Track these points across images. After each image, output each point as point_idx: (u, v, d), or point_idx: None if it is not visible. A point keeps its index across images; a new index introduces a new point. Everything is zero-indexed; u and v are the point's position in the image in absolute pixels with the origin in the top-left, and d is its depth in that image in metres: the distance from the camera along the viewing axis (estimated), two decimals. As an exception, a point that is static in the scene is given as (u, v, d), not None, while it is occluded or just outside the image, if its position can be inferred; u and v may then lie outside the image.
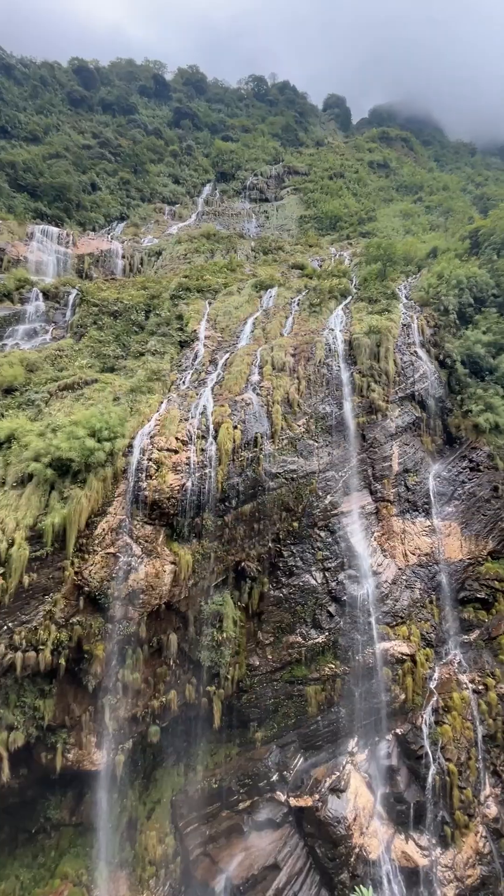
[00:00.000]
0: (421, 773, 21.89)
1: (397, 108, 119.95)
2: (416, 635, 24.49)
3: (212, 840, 20.73)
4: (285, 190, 75.04)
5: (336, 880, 20.01)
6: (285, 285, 39.99)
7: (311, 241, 59.98)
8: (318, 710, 22.62)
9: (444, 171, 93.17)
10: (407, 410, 29.27)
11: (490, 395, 30.37)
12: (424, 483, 27.91)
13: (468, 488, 28.31)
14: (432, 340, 32.67)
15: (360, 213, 66.92)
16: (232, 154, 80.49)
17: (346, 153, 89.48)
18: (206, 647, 21.84)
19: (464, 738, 22.36)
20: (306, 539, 24.63)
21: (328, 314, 34.30)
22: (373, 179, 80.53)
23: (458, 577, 26.65)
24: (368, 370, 28.94)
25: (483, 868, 20.44)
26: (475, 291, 35.16)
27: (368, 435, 27.64)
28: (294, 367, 28.30)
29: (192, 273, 42.15)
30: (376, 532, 26.38)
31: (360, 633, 23.77)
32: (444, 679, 24.00)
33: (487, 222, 43.28)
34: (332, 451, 26.35)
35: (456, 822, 20.96)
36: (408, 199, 74.68)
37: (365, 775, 22.11)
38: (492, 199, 70.30)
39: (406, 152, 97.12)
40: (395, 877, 20.57)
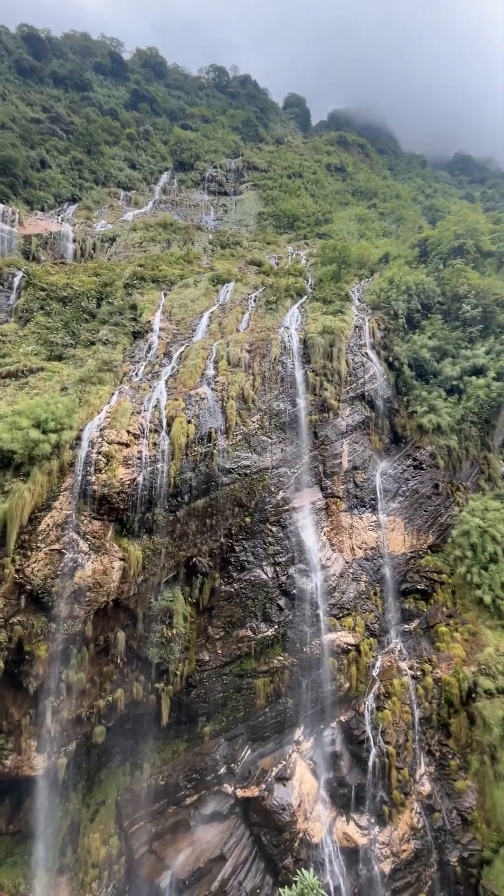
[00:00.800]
0: (362, 756, 22.88)
1: (355, 115, 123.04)
2: (360, 626, 25.49)
3: (158, 837, 20.59)
4: (244, 185, 74.81)
5: (280, 866, 20.53)
6: (242, 281, 39.96)
7: (268, 238, 60.28)
8: (267, 702, 23.02)
9: (397, 180, 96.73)
10: (357, 410, 30.25)
11: (433, 398, 32.03)
12: (372, 480, 29.02)
13: (412, 485, 29.75)
14: (382, 343, 33.92)
15: (317, 215, 68.05)
16: (191, 143, 79.07)
17: (304, 153, 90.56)
18: (156, 644, 21.56)
19: (402, 722, 23.60)
20: (258, 534, 24.88)
21: (284, 312, 34.67)
22: (330, 182, 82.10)
23: (400, 570, 28.00)
24: (322, 369, 29.59)
25: (416, 842, 21.73)
26: (422, 298, 36.86)
27: (320, 433, 28.30)
28: (250, 364, 28.39)
29: (148, 262, 41.10)
30: (326, 527, 27.12)
31: (309, 625, 24.41)
32: (386, 667, 25.18)
33: (435, 233, 45.43)
34: (286, 448, 26.75)
35: (393, 800, 22.12)
36: (363, 204, 76.84)
37: (310, 762, 22.79)
38: (440, 210, 73.86)
39: (362, 158, 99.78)
40: (336, 857, 21.42)
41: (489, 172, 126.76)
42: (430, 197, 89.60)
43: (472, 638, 25.79)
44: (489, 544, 27.36)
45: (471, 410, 31.69)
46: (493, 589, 26.44)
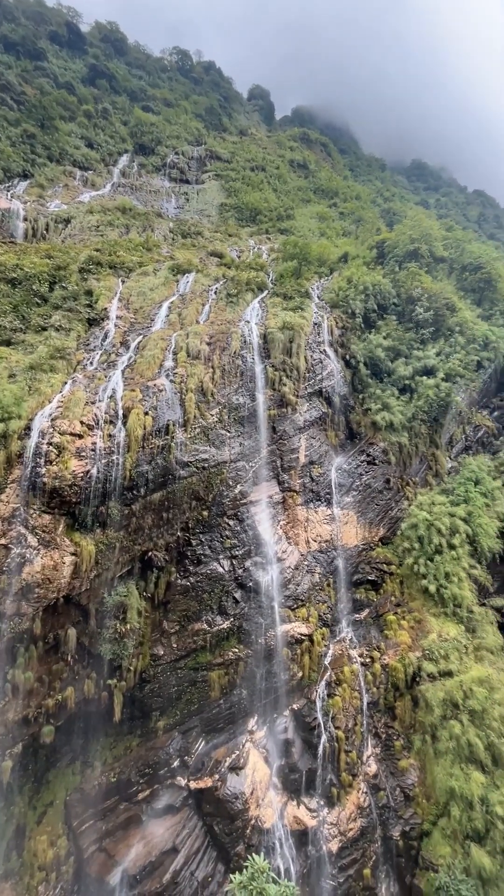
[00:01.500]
0: (313, 742, 23.61)
1: (318, 112, 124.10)
2: (314, 616, 26.18)
3: (108, 834, 20.30)
4: (207, 174, 73.64)
5: (232, 853, 20.85)
6: (203, 272, 39.45)
7: (230, 230, 59.80)
8: (221, 694, 23.18)
9: (357, 182, 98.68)
10: (315, 406, 30.83)
11: (387, 396, 33.21)
12: (327, 474, 29.75)
13: (365, 480, 30.77)
14: (340, 341, 34.69)
15: (279, 210, 68.22)
16: (153, 127, 76.73)
17: (268, 147, 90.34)
18: (109, 640, 21.11)
19: (351, 707, 24.55)
20: (215, 528, 24.87)
21: (245, 306, 34.61)
22: (292, 178, 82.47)
23: (353, 562, 28.96)
24: (281, 365, 29.86)
25: (363, 820, 22.76)
26: (379, 299, 38.01)
27: (279, 427, 28.61)
28: (209, 356, 28.15)
29: (105, 247, 39.63)
30: (282, 520, 27.54)
31: (264, 616, 24.76)
32: (337, 655, 26.04)
33: (392, 235, 46.89)
34: (244, 442, 26.83)
35: (342, 782, 23.02)
36: (324, 202, 77.84)
37: (263, 751, 23.23)
38: (397, 214, 76.23)
39: (324, 157, 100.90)
40: (287, 840, 22.04)
41: (442, 181, 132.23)
42: (389, 200, 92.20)
43: (417, 625, 27.17)
44: (435, 536, 28.85)
45: (421, 409, 33.14)
46: (437, 578, 27.93)
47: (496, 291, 43.88)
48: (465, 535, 29.10)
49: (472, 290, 44.01)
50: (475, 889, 19.62)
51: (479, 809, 20.75)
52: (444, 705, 23.52)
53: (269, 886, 10.19)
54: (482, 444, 36.42)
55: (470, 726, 22.52)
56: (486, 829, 20.56)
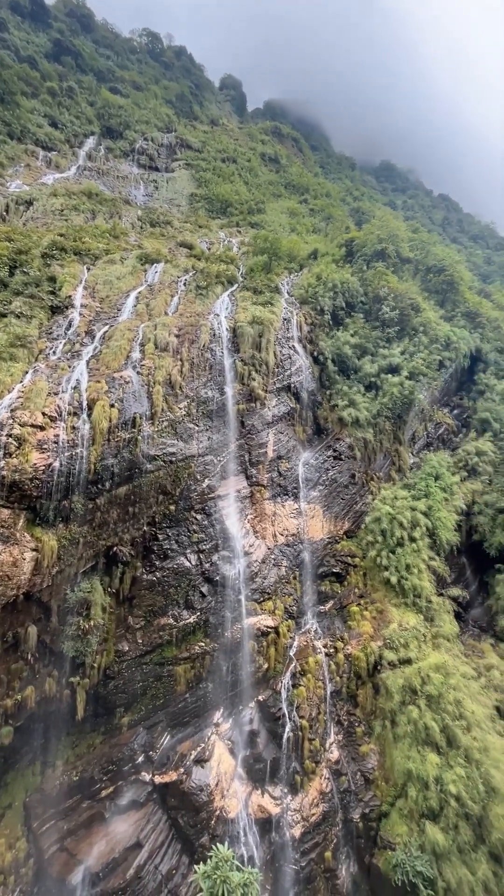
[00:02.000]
0: (278, 732, 24.01)
1: (290, 107, 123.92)
2: (280, 609, 26.54)
3: (70, 834, 19.95)
4: (177, 163, 72.21)
5: (197, 844, 20.98)
6: (172, 262, 38.79)
7: (200, 221, 59.00)
8: (187, 688, 23.17)
9: (327, 179, 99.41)
10: (283, 401, 31.05)
11: (354, 393, 33.89)
12: (295, 469, 30.09)
13: (331, 475, 31.35)
14: (308, 337, 35.04)
15: (250, 203, 67.86)
16: (121, 110, 74.35)
17: (240, 139, 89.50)
18: (71, 637, 20.63)
19: (315, 696, 25.11)
20: (182, 522, 24.70)
21: (214, 299, 34.32)
22: (264, 172, 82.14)
23: (318, 555, 29.51)
24: (250, 359, 29.86)
25: (325, 805, 23.41)
26: (347, 296, 38.61)
27: (247, 422, 28.65)
28: (178, 349, 27.78)
29: (70, 233, 38.23)
30: (250, 515, 27.68)
31: (231, 610, 24.88)
32: (302, 646, 26.54)
33: (361, 235, 47.65)
34: (212, 436, 26.72)
35: (305, 770, 23.56)
36: (294, 198, 78.03)
37: (228, 742, 23.42)
38: (365, 213, 77.44)
39: (296, 152, 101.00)
40: (251, 829, 22.38)
41: (410, 183, 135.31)
42: (358, 199, 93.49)
43: (379, 615, 28.05)
44: (397, 530, 29.81)
45: (386, 406, 34.03)
46: (398, 570, 28.91)
47: (458, 294, 45.50)
48: (425, 528, 30.22)
49: (436, 291, 45.44)
50: (429, 864, 20.61)
51: (434, 789, 21.76)
52: (404, 691, 24.46)
53: (233, 874, 10.35)
54: (442, 441, 37.83)
55: (427, 710, 23.54)
56: (440, 807, 21.59)
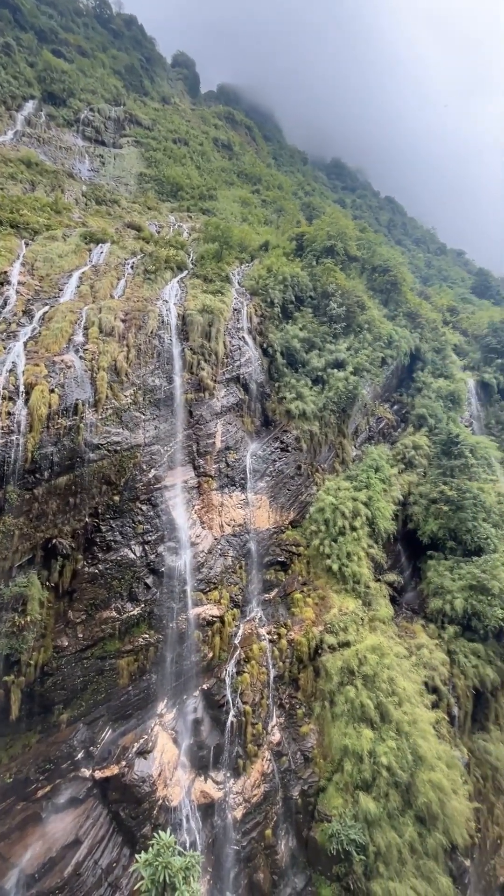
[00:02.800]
0: (222, 719, 24.37)
1: (243, 94, 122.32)
2: (225, 598, 26.78)
3: (3, 838, 19.12)
4: (126, 139, 69.06)
5: (138, 835, 20.89)
6: (119, 244, 37.26)
7: (150, 202, 57.03)
8: (130, 681, 22.84)
9: (280, 171, 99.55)
10: (232, 391, 31.05)
11: (301, 386, 34.57)
12: (242, 460, 30.30)
13: (278, 466, 31.91)
14: (258, 329, 35.19)
15: (201, 188, 66.51)
16: (64, 75, 69.63)
17: (192, 121, 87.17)
18: (5, 634, 19.60)
19: (259, 682, 25.72)
20: (127, 513, 24.13)
21: (163, 284, 33.46)
22: (216, 158, 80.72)
23: (264, 544, 30.05)
24: (200, 348, 29.51)
25: (266, 786, 24.17)
26: (297, 290, 39.13)
27: (195, 412, 28.37)
28: (124, 334, 26.86)
29: (6, 203, 35.52)
30: (197, 505, 27.56)
31: (176, 601, 24.75)
32: (247, 634, 27.00)
33: (311, 230, 48.34)
34: (159, 425, 26.21)
35: (248, 753, 24.15)
36: (247, 187, 77.48)
37: (172, 732, 23.43)
38: (316, 209, 78.60)
39: (249, 141, 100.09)
40: (194, 814, 22.65)
41: (359, 183, 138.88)
42: (309, 194, 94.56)
43: (321, 602, 29.14)
44: (339, 519, 31.00)
45: (332, 400, 35.06)
46: (340, 558, 30.13)
47: (401, 294, 47.60)
48: (365, 517, 31.67)
49: (381, 290, 47.23)
50: (362, 831, 21.98)
51: (368, 762, 23.17)
52: (342, 673, 25.69)
53: (175, 859, 10.45)
54: (383, 435, 39.68)
55: (363, 689, 24.90)
56: (372, 778, 23.04)
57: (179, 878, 10.18)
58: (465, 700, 28.71)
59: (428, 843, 22.15)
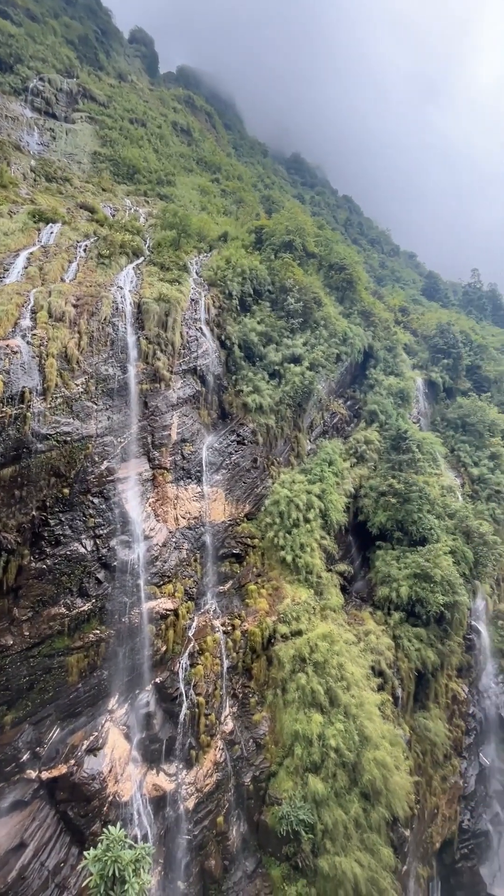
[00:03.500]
0: (175, 711, 24.34)
1: (203, 79, 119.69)
2: (180, 591, 26.65)
3: None
4: (79, 114, 65.69)
5: (87, 833, 20.52)
6: (71, 224, 35.58)
7: (105, 184, 54.77)
8: (80, 678, 22.25)
9: (240, 162, 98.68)
10: (189, 383, 30.69)
11: (258, 379, 34.75)
12: (199, 453, 30.11)
13: (234, 459, 31.99)
14: (216, 321, 34.92)
15: (159, 173, 64.65)
16: (11, 39, 65.00)
17: (150, 101, 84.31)
18: None
19: (212, 673, 25.88)
20: (78, 506, 23.34)
21: (118, 270, 32.37)
22: (175, 143, 78.70)
23: (219, 537, 30.11)
24: (156, 338, 28.89)
25: (218, 774, 24.46)
26: (255, 283, 39.13)
27: (151, 403, 27.81)
28: (76, 320, 25.78)
29: None
30: (151, 498, 27.12)
31: (128, 595, 24.33)
32: (201, 626, 27.04)
33: (271, 224, 48.41)
34: (113, 416, 25.48)
35: (201, 744, 24.29)
36: (206, 175, 76.20)
37: (123, 727, 23.13)
38: (275, 203, 78.71)
39: (209, 128, 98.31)
40: (145, 808, 22.54)
41: (318, 179, 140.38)
42: (269, 187, 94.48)
43: (274, 592, 29.68)
44: (293, 512, 31.61)
45: (288, 394, 35.51)
46: (293, 549, 30.77)
47: (356, 292, 48.83)
48: (318, 509, 32.49)
49: (337, 288, 48.22)
50: (311, 811, 22.81)
51: (317, 745, 24.00)
52: (294, 661, 26.37)
53: (124, 852, 10.37)
54: (336, 430, 40.76)
55: (314, 676, 25.70)
56: (321, 760, 23.92)
57: (129, 870, 10.12)
58: (409, 681, 30.39)
59: (372, 817, 23.36)
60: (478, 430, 48.44)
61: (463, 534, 36.25)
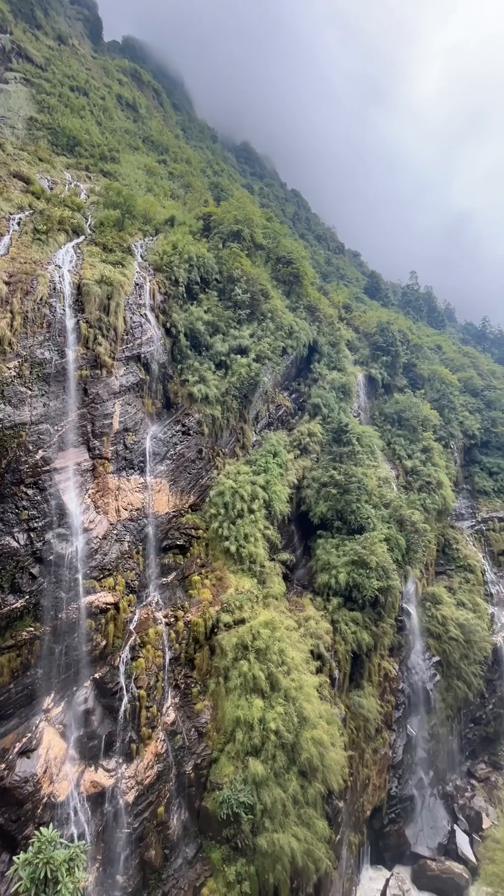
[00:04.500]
0: (115, 706, 23.86)
1: (151, 53, 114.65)
2: (121, 584, 26.02)
3: None
4: (13, 74, 60.58)
5: (20, 838, 19.68)
6: (3, 195, 32.92)
7: (42, 153, 51.07)
8: (12, 678, 21.17)
9: (189, 145, 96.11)
10: (132, 370, 29.75)
11: (204, 369, 34.40)
12: (142, 443, 29.37)
13: (179, 450, 31.56)
14: (161, 307, 34.02)
15: (103, 148, 61.34)
16: None
17: (93, 70, 79.51)
18: None
19: (154, 665, 25.63)
20: (9, 498, 22.00)
21: (56, 248, 30.49)
22: (120, 117, 75.07)
23: (163, 528, 29.68)
24: (97, 322, 27.65)
25: (159, 766, 24.37)
26: (202, 271, 38.51)
27: (91, 390, 26.67)
28: (8, 299, 24.03)
29: None
30: (91, 489, 26.13)
31: (66, 590, 23.39)
32: (143, 619, 26.62)
33: (219, 211, 47.75)
34: (49, 403, 24.15)
35: (142, 737, 24.04)
36: (153, 155, 73.48)
37: (59, 726, 22.33)
38: (224, 190, 77.63)
39: (156, 105, 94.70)
40: (82, 806, 22.01)
41: (267, 171, 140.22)
42: (218, 174, 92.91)
43: (218, 582, 29.85)
44: (238, 502, 31.85)
45: (234, 385, 35.50)
46: (238, 540, 31.06)
47: (302, 287, 49.59)
48: (262, 500, 32.97)
49: (284, 281, 48.68)
50: (251, 793, 23.42)
51: (258, 729, 24.62)
52: (237, 649, 26.75)
53: (57, 852, 10.07)
54: (281, 422, 41.45)
55: (256, 662, 26.25)
56: (262, 743, 24.57)
57: (62, 870, 9.84)
58: (345, 663, 31.96)
59: (309, 793, 24.44)
60: (412, 424, 51.36)
61: (397, 522, 38.45)
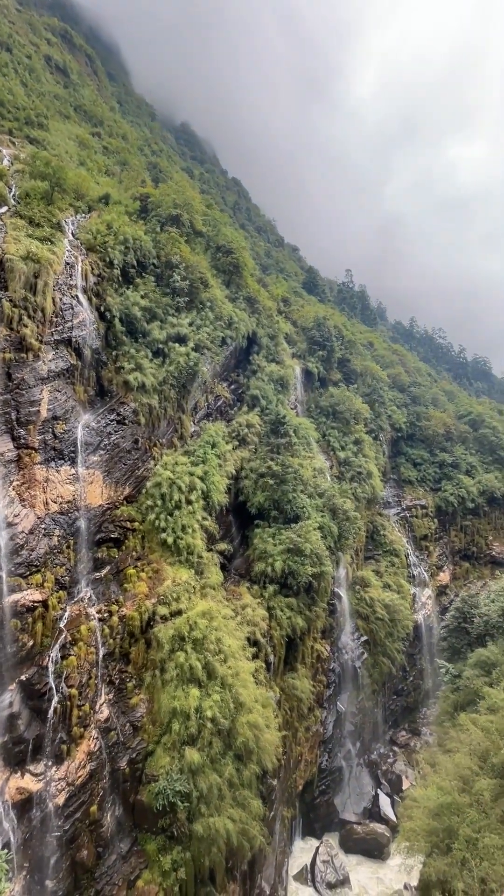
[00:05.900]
0: (43, 708, 22.79)
1: (83, 14, 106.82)
2: (50, 581, 24.76)
3: None
4: None
5: None
6: None
7: (-44, 110, 46.06)
8: None
9: (126, 120, 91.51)
10: (62, 355, 28.10)
11: (141, 357, 33.33)
12: (73, 432, 27.94)
13: (113, 440, 30.42)
14: (95, 290, 32.35)
15: (29, 112, 56.49)
16: None
17: (18, 24, 72.71)
18: None
19: (87, 663, 24.76)
20: None
21: (-26, 217, 27.80)
22: (48, 80, 69.51)
23: (96, 522, 28.56)
24: (22, 301, 25.72)
25: (92, 764, 23.71)
26: (139, 255, 37.08)
27: (16, 375, 24.84)
28: None
29: None
30: (16, 481, 24.47)
31: (-13, 589, 21.82)
32: (74, 616, 25.56)
33: (157, 193, 46.13)
34: (-34, 387, 22.15)
35: (73, 737, 23.21)
36: (86, 126, 69.05)
37: (-20, 734, 20.94)
38: (163, 172, 74.97)
39: (89, 73, 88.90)
40: (7, 814, 20.89)
41: (207, 156, 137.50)
42: (156, 154, 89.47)
43: (155, 575, 29.39)
44: (176, 493, 31.44)
45: (172, 374, 34.76)
46: (175, 531, 30.70)
47: (242, 278, 49.51)
48: (200, 491, 32.82)
49: (224, 271, 48.27)
50: (187, 781, 23.56)
51: (195, 718, 24.76)
52: (173, 640, 26.60)
53: (-22, 867, 9.47)
54: (220, 412, 41.38)
55: (192, 653, 26.29)
56: (198, 732, 24.76)
57: (-16, 884, 9.28)
58: (280, 647, 33.01)
59: (244, 775, 25.08)
60: (345, 417, 53.60)
61: (330, 511, 40.12)
